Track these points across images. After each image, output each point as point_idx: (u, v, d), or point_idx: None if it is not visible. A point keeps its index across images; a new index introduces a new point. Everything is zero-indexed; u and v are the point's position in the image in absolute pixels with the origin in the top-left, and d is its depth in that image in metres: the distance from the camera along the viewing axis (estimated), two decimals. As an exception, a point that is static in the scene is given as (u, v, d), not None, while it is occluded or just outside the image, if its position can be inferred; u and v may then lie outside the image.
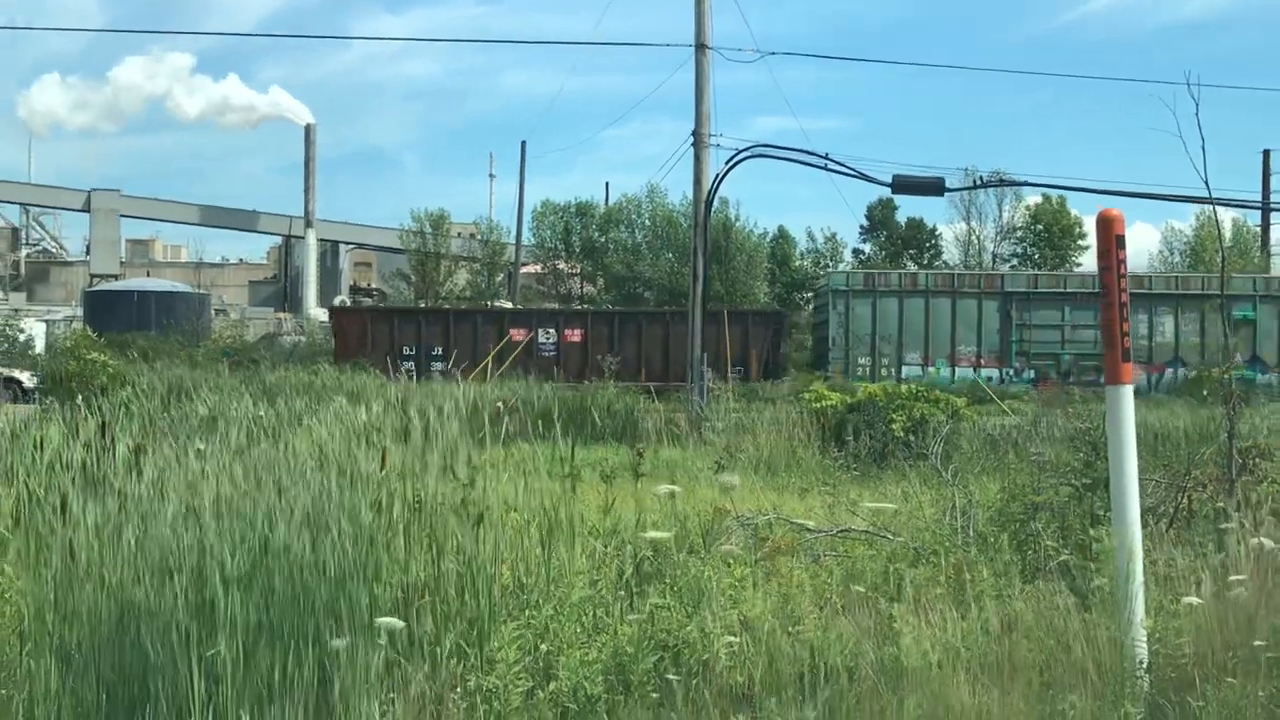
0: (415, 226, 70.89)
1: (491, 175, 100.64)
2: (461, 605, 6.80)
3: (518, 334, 43.32)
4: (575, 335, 43.23)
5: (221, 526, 6.28)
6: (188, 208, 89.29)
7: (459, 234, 74.15)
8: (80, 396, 13.70)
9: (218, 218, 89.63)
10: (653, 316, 45.66)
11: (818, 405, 20.40)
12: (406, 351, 42.50)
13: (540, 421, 10.11)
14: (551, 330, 43.52)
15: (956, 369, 42.47)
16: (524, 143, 66.44)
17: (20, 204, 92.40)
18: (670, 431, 21.55)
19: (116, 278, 79.02)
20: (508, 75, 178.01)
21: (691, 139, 30.94)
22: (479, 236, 73.18)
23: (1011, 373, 42.22)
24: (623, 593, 7.12)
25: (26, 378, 38.66)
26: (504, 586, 7.07)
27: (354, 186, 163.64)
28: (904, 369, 42.13)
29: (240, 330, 60.32)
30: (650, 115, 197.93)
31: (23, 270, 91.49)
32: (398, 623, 5.92)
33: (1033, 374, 41.91)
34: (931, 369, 42.34)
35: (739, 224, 60.72)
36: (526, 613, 6.65)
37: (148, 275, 78.36)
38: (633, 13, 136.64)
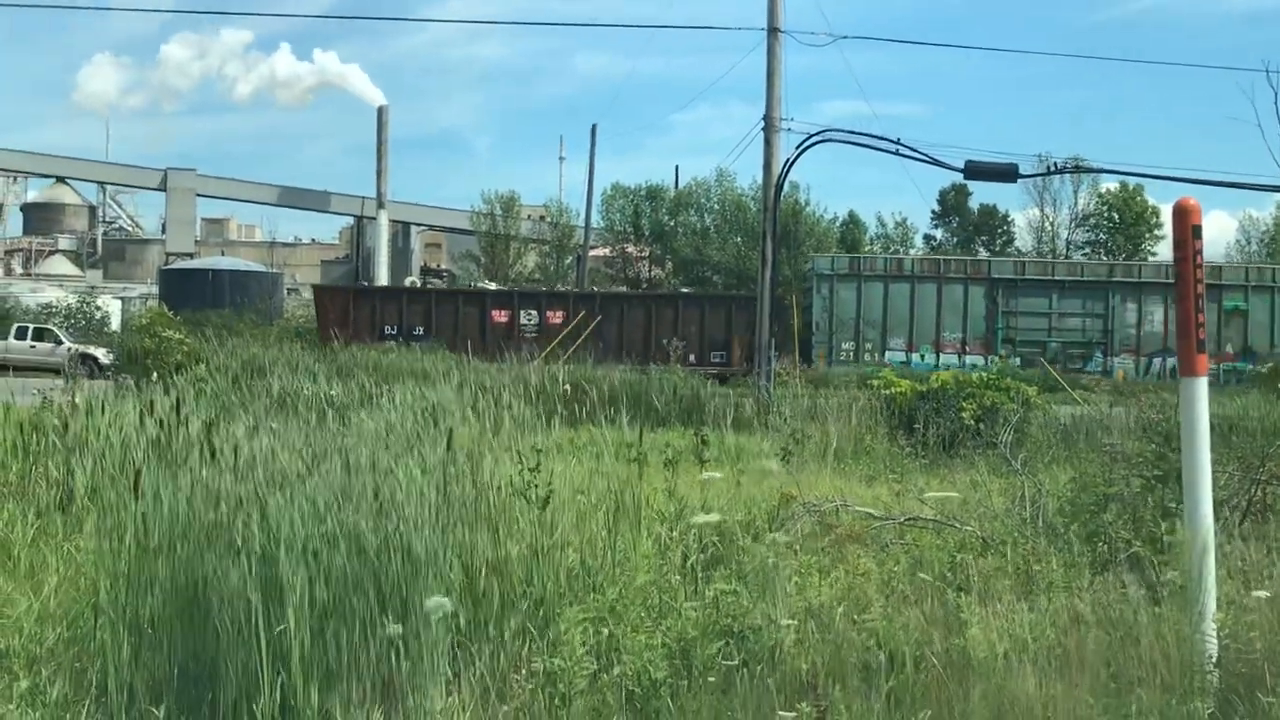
0: (486, 208, 71.20)
1: (561, 158, 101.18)
2: (527, 587, 6.83)
3: (500, 315, 43.44)
4: (557, 317, 43.28)
5: (289, 505, 6.34)
6: (261, 187, 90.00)
7: (529, 216, 74.33)
8: (155, 374, 13.92)
9: (291, 198, 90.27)
10: (633, 299, 45.98)
11: (887, 392, 20.29)
12: (388, 331, 42.68)
13: (610, 405, 10.13)
14: (534, 312, 43.61)
15: (941, 355, 41.99)
16: (594, 126, 66.41)
17: (98, 182, 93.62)
18: (738, 417, 21.48)
19: (191, 256, 80.00)
20: (578, 58, 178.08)
21: (762, 123, 30.80)
22: (549, 219, 73.32)
23: (997, 360, 41.57)
24: (688, 577, 7.13)
25: (102, 354, 39.26)
26: (570, 570, 7.10)
27: (423, 167, 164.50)
28: (888, 354, 41.76)
29: (312, 309, 60.83)
30: (720, 99, 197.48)
31: (99, 248, 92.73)
32: (446, 602, 5.92)
33: (1019, 361, 41.20)
34: (916, 355, 41.95)
35: (808, 208, 60.49)
36: (592, 596, 6.66)
37: (222, 254, 79.13)
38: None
